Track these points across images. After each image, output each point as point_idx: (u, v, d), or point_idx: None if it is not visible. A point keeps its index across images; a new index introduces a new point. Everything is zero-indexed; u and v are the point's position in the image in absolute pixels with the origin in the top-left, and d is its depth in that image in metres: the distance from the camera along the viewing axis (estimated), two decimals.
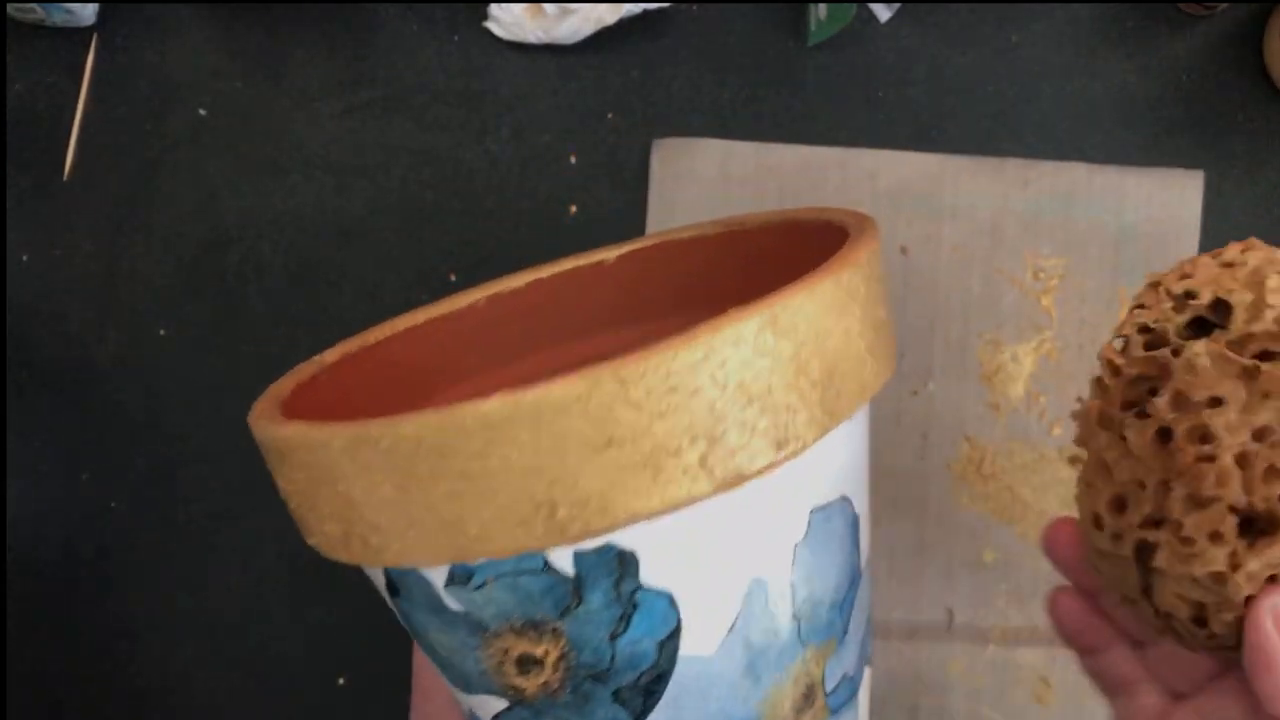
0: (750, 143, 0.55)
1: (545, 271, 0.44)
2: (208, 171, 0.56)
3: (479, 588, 0.27)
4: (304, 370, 0.38)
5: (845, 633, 0.32)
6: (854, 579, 0.32)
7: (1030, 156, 0.56)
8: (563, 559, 0.26)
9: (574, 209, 0.56)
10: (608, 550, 0.26)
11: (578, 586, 0.27)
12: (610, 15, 0.53)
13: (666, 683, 0.28)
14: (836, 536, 0.30)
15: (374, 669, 0.57)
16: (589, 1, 0.53)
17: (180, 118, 0.56)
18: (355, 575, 0.57)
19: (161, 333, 0.56)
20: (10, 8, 0.53)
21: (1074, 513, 0.55)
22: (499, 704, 0.29)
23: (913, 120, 0.56)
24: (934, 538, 0.55)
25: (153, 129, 0.56)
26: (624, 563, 0.26)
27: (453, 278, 0.56)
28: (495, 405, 0.24)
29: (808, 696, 0.31)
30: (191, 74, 0.56)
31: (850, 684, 0.33)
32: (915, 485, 0.55)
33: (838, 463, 0.30)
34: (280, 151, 0.56)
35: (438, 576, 0.27)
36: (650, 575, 0.27)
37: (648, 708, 0.28)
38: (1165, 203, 0.55)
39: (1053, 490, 0.55)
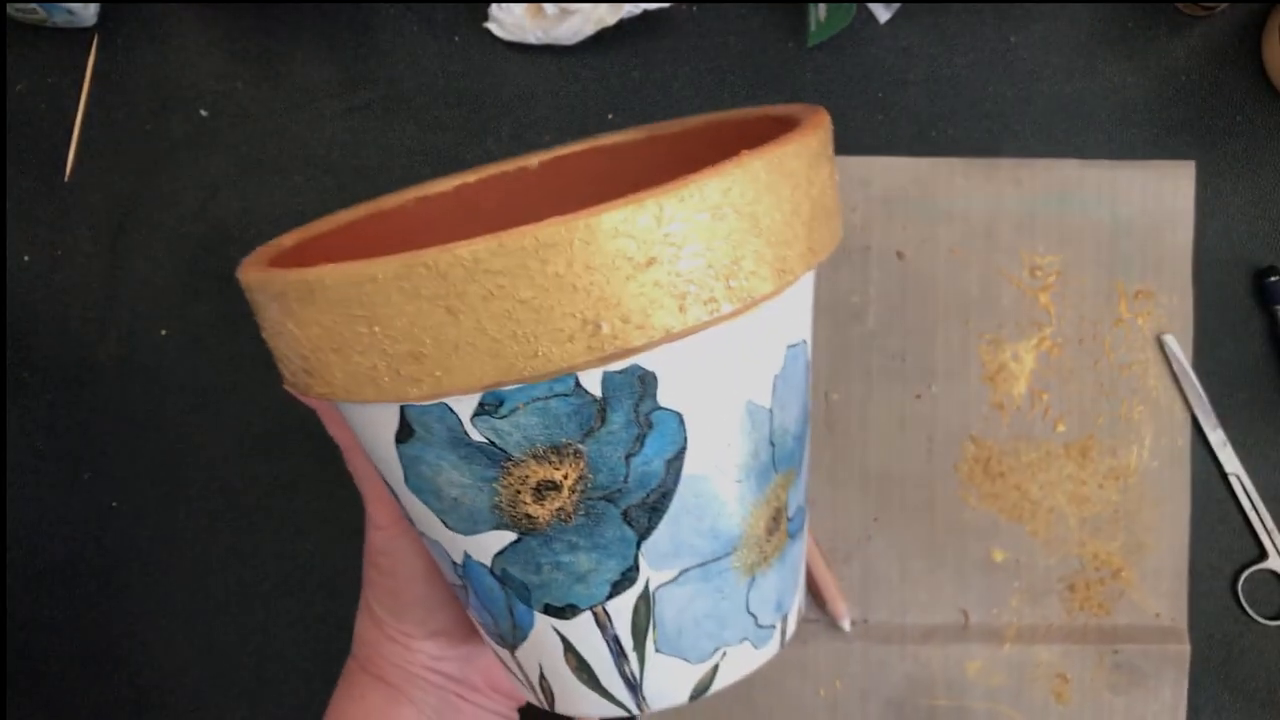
0: None
1: (472, 176, 0.45)
2: (208, 172, 0.56)
3: (508, 415, 0.28)
4: (270, 248, 0.39)
5: (801, 465, 0.35)
6: (807, 416, 0.35)
7: (1028, 156, 0.56)
8: (592, 380, 0.28)
9: None
10: (633, 370, 0.28)
11: (603, 408, 0.29)
12: (610, 15, 0.53)
13: (670, 501, 0.31)
14: (800, 372, 0.34)
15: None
16: (589, 2, 0.53)
17: (181, 118, 0.56)
18: (355, 574, 0.57)
19: (162, 333, 0.56)
20: (11, 8, 0.54)
21: (1082, 510, 0.55)
22: (505, 538, 0.31)
23: (912, 121, 0.56)
24: (944, 540, 0.55)
25: (153, 129, 0.56)
26: (645, 383, 0.29)
27: None
28: (553, 229, 0.26)
29: (775, 519, 0.34)
30: (192, 75, 0.56)
31: (801, 515, 0.36)
32: (923, 488, 0.55)
33: (804, 305, 0.33)
34: (281, 152, 0.56)
35: (466, 407, 0.28)
36: (665, 397, 0.29)
37: (651, 526, 0.31)
38: (1158, 194, 0.55)
39: (1060, 487, 0.55)
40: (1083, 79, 0.56)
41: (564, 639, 0.32)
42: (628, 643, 0.32)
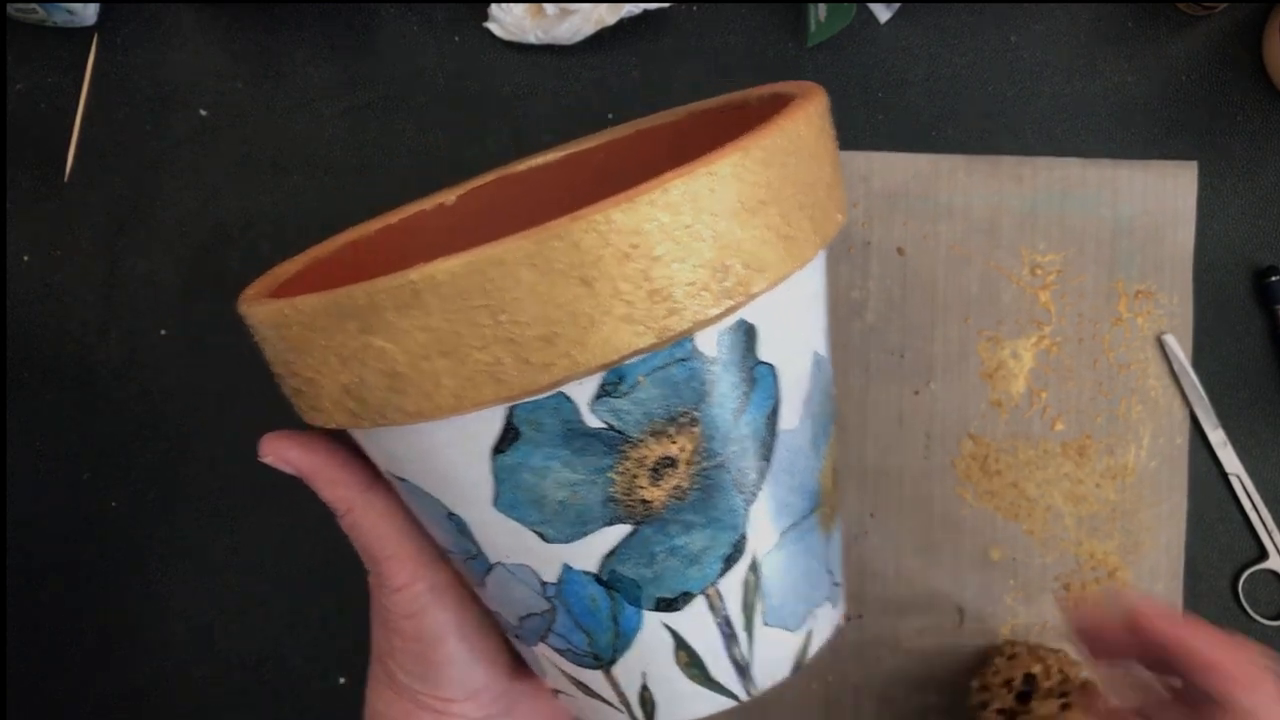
0: None
1: (514, 168, 0.45)
2: (208, 172, 0.56)
3: (629, 392, 0.28)
4: (266, 281, 0.38)
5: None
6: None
7: (1029, 155, 0.56)
8: (707, 340, 0.28)
9: None
10: (740, 325, 0.29)
11: (717, 368, 0.29)
12: (610, 15, 0.53)
13: (771, 459, 0.31)
14: (829, 331, 0.35)
15: None
16: (589, 1, 0.53)
17: (181, 118, 0.56)
18: (355, 574, 0.57)
19: (162, 333, 0.56)
20: (11, 8, 0.54)
21: (1079, 509, 0.55)
22: (618, 534, 0.30)
23: (912, 120, 0.56)
24: (941, 537, 0.55)
25: (153, 129, 0.56)
26: (749, 338, 0.29)
27: None
28: (680, 181, 0.26)
29: (835, 472, 0.35)
30: (192, 74, 0.56)
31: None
32: (920, 485, 0.55)
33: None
34: (281, 152, 0.56)
35: (586, 392, 0.28)
36: (763, 350, 0.30)
37: (757, 489, 0.31)
38: (1159, 194, 0.55)
39: (1057, 485, 0.55)
40: (1083, 79, 0.56)
41: (674, 634, 0.32)
42: (738, 621, 0.32)
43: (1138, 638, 0.33)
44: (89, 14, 0.55)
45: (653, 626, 0.32)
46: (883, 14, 0.55)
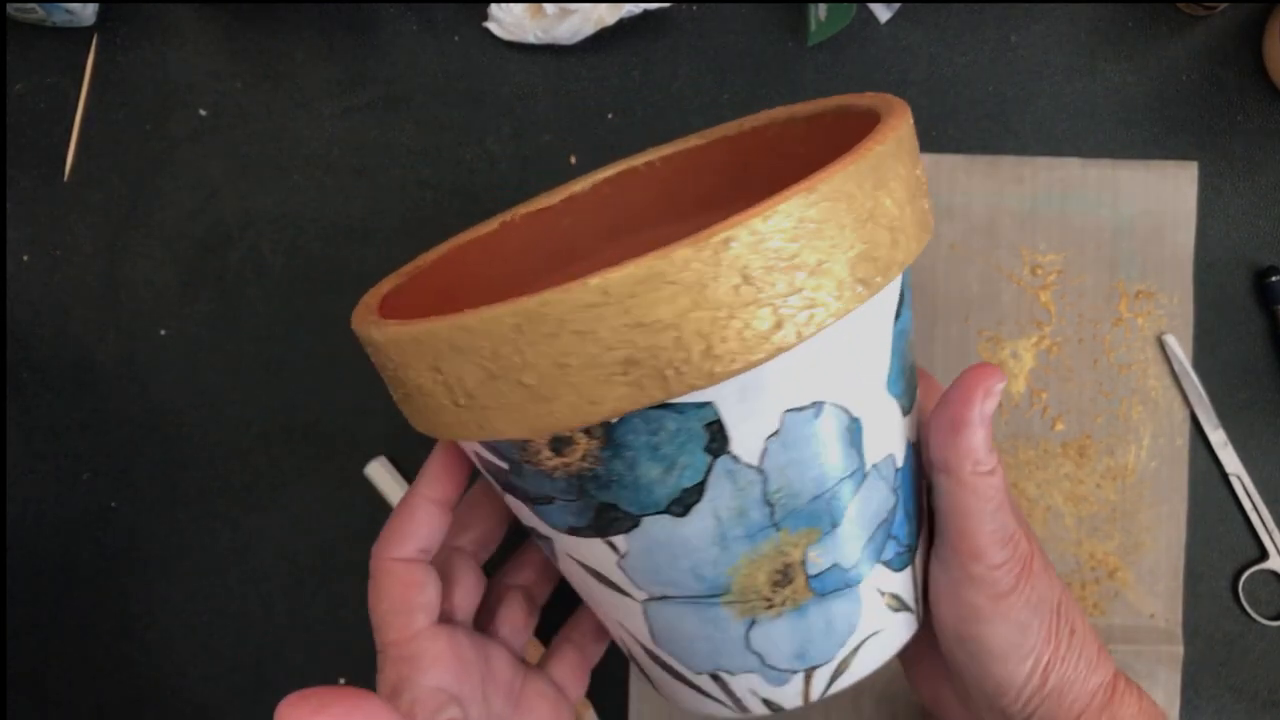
0: None
1: (604, 173, 0.49)
2: (208, 172, 0.56)
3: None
4: (373, 296, 0.41)
5: None
6: None
7: (1030, 155, 0.56)
8: None
9: None
10: None
11: None
12: (610, 15, 0.53)
13: None
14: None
15: (374, 669, 0.57)
16: (589, 1, 0.53)
17: (180, 118, 0.56)
18: (355, 574, 0.57)
19: (162, 333, 0.56)
20: (10, 8, 0.54)
21: (1079, 509, 0.55)
22: (911, 390, 0.36)
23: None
24: None
25: (153, 129, 0.56)
26: None
27: None
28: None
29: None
30: (192, 74, 0.56)
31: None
32: None
33: None
34: (280, 152, 0.56)
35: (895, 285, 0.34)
36: None
37: None
38: (1160, 195, 0.55)
39: (1057, 486, 0.55)
40: (1083, 79, 0.56)
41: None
42: None
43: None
44: (88, 14, 0.55)
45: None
46: (883, 14, 0.55)
